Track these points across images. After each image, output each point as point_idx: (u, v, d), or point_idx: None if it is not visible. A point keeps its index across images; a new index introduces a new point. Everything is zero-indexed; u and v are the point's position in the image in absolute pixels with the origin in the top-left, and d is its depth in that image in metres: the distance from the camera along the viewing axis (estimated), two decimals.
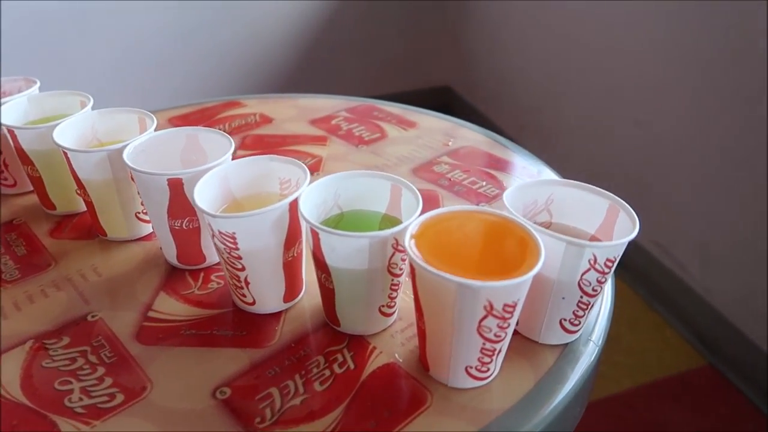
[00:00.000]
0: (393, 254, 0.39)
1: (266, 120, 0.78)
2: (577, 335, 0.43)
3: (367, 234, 0.37)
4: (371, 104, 0.83)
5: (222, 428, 0.36)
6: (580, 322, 0.42)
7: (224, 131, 0.74)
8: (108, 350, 0.42)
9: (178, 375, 0.40)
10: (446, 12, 2.12)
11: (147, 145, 0.49)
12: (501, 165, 0.67)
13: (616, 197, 0.42)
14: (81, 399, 0.38)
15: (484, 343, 0.36)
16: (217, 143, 0.49)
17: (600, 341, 0.44)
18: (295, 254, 0.43)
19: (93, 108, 0.55)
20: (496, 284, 0.33)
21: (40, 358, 0.42)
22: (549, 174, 0.65)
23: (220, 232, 0.40)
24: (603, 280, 0.39)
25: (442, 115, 0.80)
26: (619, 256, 0.39)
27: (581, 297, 0.40)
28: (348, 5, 1.98)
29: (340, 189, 0.44)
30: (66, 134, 0.51)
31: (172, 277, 0.49)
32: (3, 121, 0.52)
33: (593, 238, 0.43)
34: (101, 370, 0.40)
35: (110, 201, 0.51)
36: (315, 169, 0.66)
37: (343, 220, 0.45)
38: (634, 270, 1.41)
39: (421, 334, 0.39)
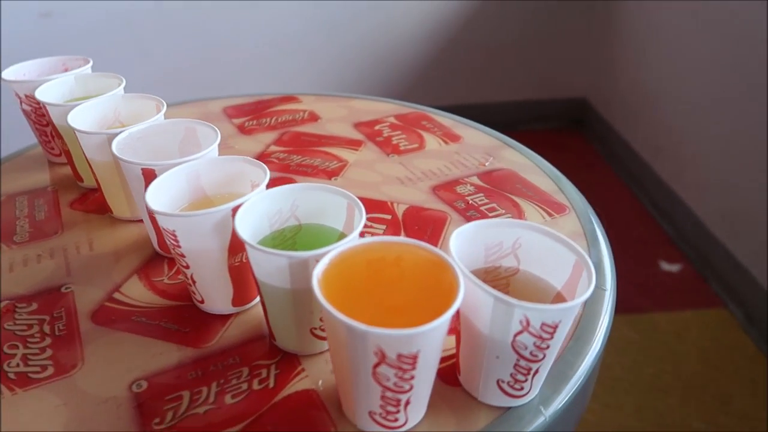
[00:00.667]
0: None
1: (313, 118, 0.78)
2: (522, 400, 0.38)
3: (285, 253, 0.36)
4: (423, 112, 0.80)
5: (118, 423, 0.37)
6: (522, 387, 0.37)
7: (269, 125, 0.76)
8: (63, 323, 0.44)
9: (108, 360, 0.41)
10: (593, 14, 1.98)
11: (145, 133, 0.50)
12: (533, 194, 0.61)
13: (584, 253, 0.36)
14: (18, 365, 0.41)
15: (383, 391, 0.33)
16: (212, 140, 0.50)
17: (554, 414, 0.38)
18: (244, 260, 0.43)
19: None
20: (383, 332, 0.30)
21: (5, 319, 0.45)
22: (579, 209, 0.58)
23: (163, 228, 0.41)
24: (545, 345, 0.34)
25: (493, 131, 0.75)
26: (565, 321, 0.33)
27: (518, 360, 0.35)
28: (488, 5, 1.93)
29: (298, 200, 0.42)
30: (87, 114, 0.54)
31: (152, 262, 0.51)
32: (41, 97, 0.57)
33: (558, 297, 0.38)
34: (47, 341, 0.43)
35: (113, 181, 0.53)
36: (335, 173, 0.65)
37: (300, 233, 0.43)
38: None
39: (333, 367, 0.37)
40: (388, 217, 0.57)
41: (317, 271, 0.34)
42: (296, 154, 0.69)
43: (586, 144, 2.11)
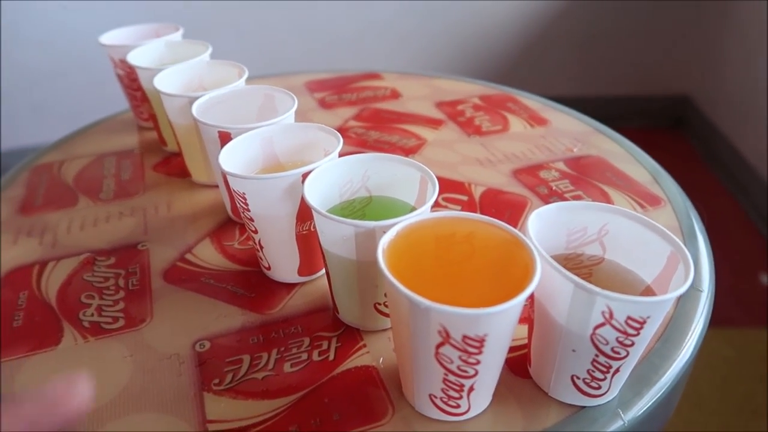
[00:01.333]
0: None
1: (395, 95, 0.77)
2: (599, 401, 0.35)
3: (352, 222, 0.34)
4: (509, 94, 0.76)
5: (179, 380, 0.37)
6: (600, 386, 0.33)
7: (350, 100, 0.75)
8: (137, 278, 0.45)
9: (176, 317, 0.42)
10: (702, 7, 1.84)
11: (225, 98, 0.50)
12: (623, 183, 0.56)
13: (681, 244, 0.32)
14: (93, 315, 0.42)
15: (446, 374, 0.31)
16: (289, 107, 0.49)
17: (633, 420, 0.35)
18: (312, 228, 0.42)
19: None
20: (448, 310, 0.28)
21: (84, 270, 0.46)
22: (676, 202, 0.53)
23: (234, 191, 0.40)
24: (629, 342, 0.31)
25: (584, 116, 0.70)
26: (655, 317, 0.30)
27: (597, 355, 0.32)
28: None
29: (369, 171, 0.41)
30: (173, 78, 0.55)
31: (224, 227, 0.51)
32: (133, 60, 0.59)
33: (647, 291, 0.34)
34: (121, 294, 0.44)
35: (193, 145, 0.54)
36: (413, 151, 0.63)
37: (370, 205, 0.41)
38: None
39: (394, 344, 0.35)
40: (464, 198, 0.55)
41: (383, 242, 0.32)
42: (374, 130, 0.67)
43: (687, 144, 1.97)
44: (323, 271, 0.45)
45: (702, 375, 1.17)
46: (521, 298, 0.28)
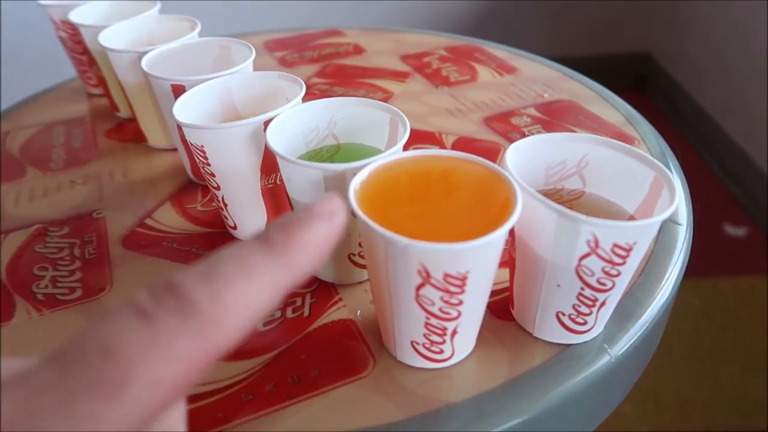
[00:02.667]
0: None
1: (358, 51, 0.74)
2: (584, 337, 0.34)
3: (319, 165, 0.32)
4: (475, 45, 0.74)
5: None
6: (585, 321, 0.32)
7: (312, 57, 0.72)
8: (93, 247, 0.43)
9: (137, 284, 0.39)
10: None
11: (176, 51, 0.47)
12: (595, 124, 0.55)
13: (663, 168, 0.31)
14: (47, 287, 0.39)
15: (428, 317, 0.29)
16: (248, 57, 0.46)
17: (620, 355, 0.34)
18: (279, 181, 0.39)
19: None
20: (428, 246, 0.26)
21: (36, 242, 0.43)
22: (652, 143, 0.52)
23: (191, 143, 0.38)
24: (615, 272, 0.29)
25: (551, 62, 0.68)
26: (641, 244, 0.29)
27: (582, 288, 0.30)
28: None
29: (336, 116, 0.39)
30: (120, 36, 0.52)
31: (185, 190, 0.48)
32: (75, 19, 0.55)
33: (631, 220, 0.33)
34: (77, 264, 0.41)
35: (147, 106, 0.51)
36: None
37: (339, 153, 0.39)
38: None
39: (372, 292, 0.33)
40: (436, 148, 0.53)
41: (354, 183, 0.30)
42: (338, 86, 0.65)
43: (649, 101, 1.98)
44: None
45: (672, 325, 1.19)
46: (503, 230, 0.27)
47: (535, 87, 0.63)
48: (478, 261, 0.28)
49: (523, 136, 0.54)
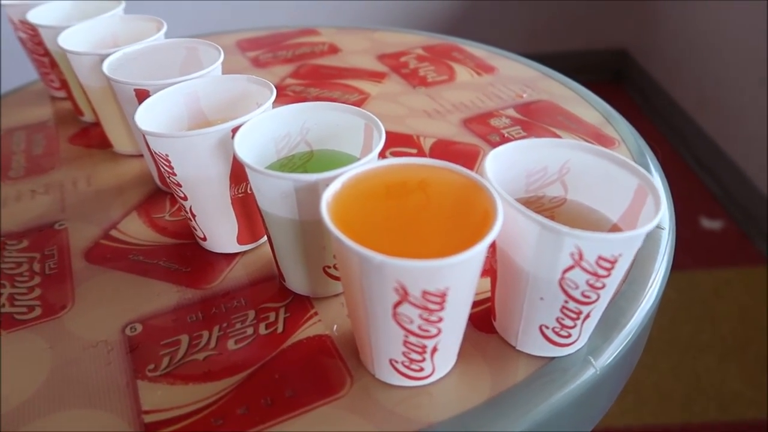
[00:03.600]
0: None
1: (333, 50, 0.72)
2: (568, 350, 0.33)
3: (290, 176, 0.30)
4: (453, 44, 0.73)
5: (108, 368, 0.33)
6: (569, 334, 0.31)
7: (286, 57, 0.70)
8: (54, 261, 0.40)
9: (101, 300, 0.37)
10: None
11: (141, 54, 0.45)
12: (575, 125, 0.54)
13: (648, 176, 0.30)
14: (4, 305, 0.37)
15: (406, 335, 0.28)
16: (216, 59, 0.44)
17: (605, 366, 0.33)
18: (249, 191, 0.38)
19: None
20: (404, 263, 0.24)
21: None
22: (635, 148, 0.52)
23: (155, 152, 0.36)
24: (599, 284, 0.28)
25: (531, 62, 0.67)
26: (626, 255, 0.28)
27: (566, 301, 0.29)
28: None
29: (308, 122, 0.37)
30: (82, 37, 0.49)
31: (153, 198, 0.46)
32: (34, 19, 0.52)
33: (614, 229, 0.32)
34: (36, 280, 0.39)
35: (111, 111, 0.49)
36: (356, 106, 0.59)
37: (311, 161, 0.38)
38: None
39: (348, 309, 0.32)
40: (414, 151, 0.51)
41: (326, 195, 0.28)
42: (313, 87, 0.63)
43: (626, 97, 1.99)
44: (264, 239, 0.41)
45: None
46: (484, 245, 0.25)
47: (513, 87, 0.62)
48: (458, 277, 0.26)
49: (503, 137, 0.53)
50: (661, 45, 1.84)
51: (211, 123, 0.41)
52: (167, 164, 0.35)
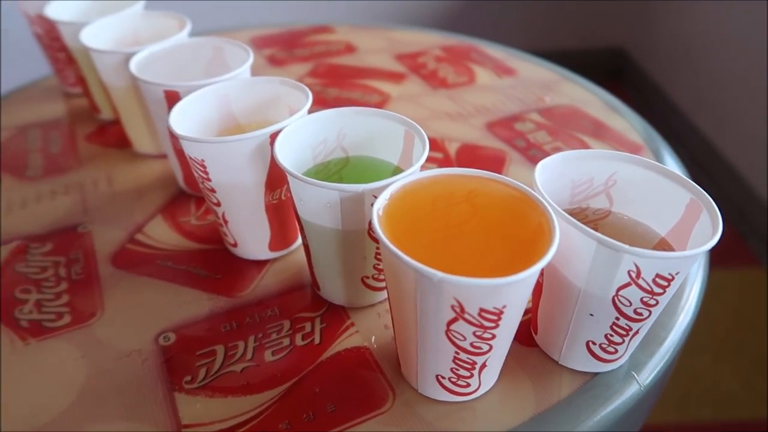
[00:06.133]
0: None
1: (350, 49, 0.71)
2: (613, 365, 0.32)
3: (336, 186, 0.30)
4: (471, 44, 0.72)
5: (145, 379, 0.32)
6: (616, 350, 0.31)
7: (302, 56, 0.69)
8: (80, 266, 0.39)
9: (132, 308, 0.36)
10: None
11: (167, 53, 0.44)
12: (602, 132, 0.54)
13: (702, 190, 0.29)
14: (31, 312, 0.36)
15: (457, 352, 0.28)
16: (243, 59, 0.43)
17: (649, 382, 0.32)
18: (283, 197, 0.37)
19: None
20: (464, 281, 0.24)
21: (17, 260, 0.40)
22: (666, 158, 0.51)
23: (190, 157, 0.35)
24: (653, 302, 0.28)
25: (551, 64, 0.67)
26: (683, 273, 0.27)
27: (617, 318, 0.29)
28: None
29: (345, 128, 0.36)
30: (103, 34, 0.48)
31: (177, 201, 0.45)
32: (52, 15, 0.51)
33: (662, 244, 0.31)
34: (63, 286, 0.38)
35: (133, 110, 0.48)
36: (378, 108, 0.58)
37: (347, 167, 0.37)
38: None
39: (392, 322, 0.31)
40: (440, 155, 0.51)
41: (377, 207, 0.28)
42: (332, 87, 0.62)
43: (624, 96, 1.99)
44: (297, 244, 0.40)
45: None
46: (544, 262, 0.25)
47: (535, 90, 0.61)
48: (516, 295, 0.26)
49: (529, 143, 0.52)
50: (658, 44, 1.84)
51: (242, 126, 0.40)
52: (202, 169, 0.34)
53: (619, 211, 0.33)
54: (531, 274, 0.24)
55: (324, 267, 0.35)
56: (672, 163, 0.49)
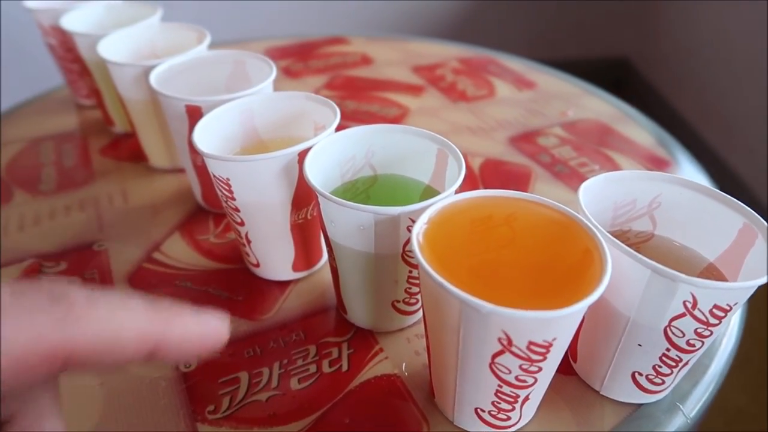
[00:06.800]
0: (410, 239, 0.30)
1: (366, 61, 0.70)
2: (657, 396, 0.31)
3: (372, 209, 0.28)
4: (489, 56, 0.71)
5: (166, 409, 0.30)
6: (663, 381, 0.29)
7: (317, 68, 0.68)
8: (97, 286, 0.38)
9: None
10: None
11: (187, 67, 0.43)
12: (626, 147, 0.53)
13: (757, 215, 0.28)
14: None
15: (500, 386, 0.26)
16: (265, 73, 0.42)
17: (695, 414, 0.31)
18: (309, 216, 0.35)
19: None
20: (515, 313, 0.22)
21: (29, 280, 0.38)
22: (689, 171, 0.50)
23: (214, 176, 0.33)
24: (707, 333, 0.26)
25: (571, 77, 0.66)
26: (741, 303, 0.26)
27: (667, 350, 0.27)
28: None
29: (374, 145, 0.35)
30: (120, 46, 0.47)
31: (195, 218, 0.44)
32: (68, 26, 0.50)
33: (710, 269, 0.30)
34: None
35: (150, 124, 0.46)
36: (396, 121, 0.57)
37: (375, 185, 0.35)
38: None
39: (428, 351, 0.30)
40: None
41: (417, 233, 0.26)
42: (350, 100, 0.61)
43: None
44: (320, 264, 0.39)
45: None
46: (598, 292, 0.23)
47: (556, 104, 0.60)
48: (567, 327, 0.24)
49: (554, 158, 0.51)
50: (663, 53, 1.83)
51: (264, 142, 0.39)
52: (227, 188, 0.33)
53: (663, 234, 0.32)
54: (585, 306, 0.23)
55: (353, 290, 0.33)
56: (705, 181, 0.48)
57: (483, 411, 0.28)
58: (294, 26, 1.66)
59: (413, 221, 0.29)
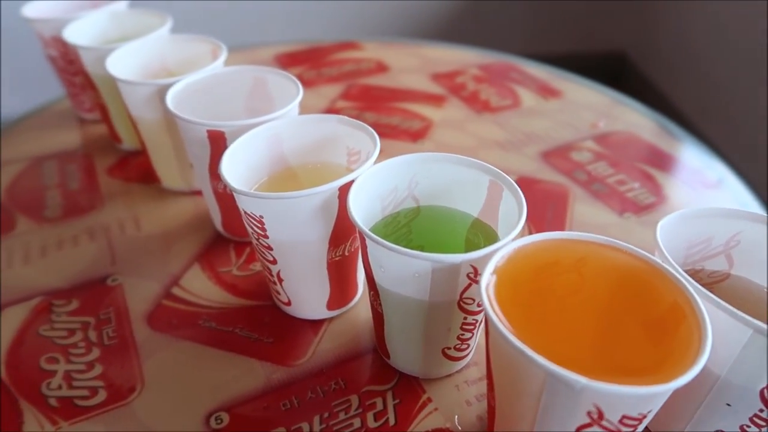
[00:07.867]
0: (469, 286, 0.27)
1: (382, 68, 0.67)
2: None
3: (430, 256, 0.25)
4: (510, 63, 0.68)
5: None
6: None
7: (331, 76, 0.64)
8: (112, 328, 0.35)
9: (176, 381, 0.32)
10: None
11: (205, 84, 0.40)
12: (666, 163, 0.50)
13: None
14: (60, 387, 0.31)
15: None
16: (288, 91, 0.39)
17: None
18: (347, 253, 0.32)
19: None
20: (614, 389, 0.20)
21: (39, 321, 0.35)
22: (732, 183, 0.47)
23: (245, 212, 0.30)
24: None
25: (598, 85, 0.63)
26: None
27: (761, 411, 0.25)
28: None
29: (418, 175, 0.32)
30: (128, 60, 0.44)
31: (214, 247, 0.41)
32: (71, 38, 0.46)
33: None
34: (95, 353, 0.33)
35: (162, 144, 0.43)
36: (420, 135, 0.54)
37: (418, 219, 0.33)
38: None
39: (491, 410, 0.27)
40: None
41: (486, 285, 0.23)
42: (369, 111, 0.58)
43: None
44: (354, 301, 0.36)
45: None
46: (702, 361, 0.20)
47: (586, 114, 0.57)
48: (664, 398, 0.21)
49: (590, 175, 0.48)
50: (660, 48, 1.81)
51: (293, 169, 0.36)
52: (259, 226, 0.30)
53: (741, 274, 0.29)
54: (690, 378, 0.20)
55: (400, 337, 0.30)
56: (758, 207, 0.45)
57: None
58: (294, 26, 1.62)
59: (473, 267, 0.26)
